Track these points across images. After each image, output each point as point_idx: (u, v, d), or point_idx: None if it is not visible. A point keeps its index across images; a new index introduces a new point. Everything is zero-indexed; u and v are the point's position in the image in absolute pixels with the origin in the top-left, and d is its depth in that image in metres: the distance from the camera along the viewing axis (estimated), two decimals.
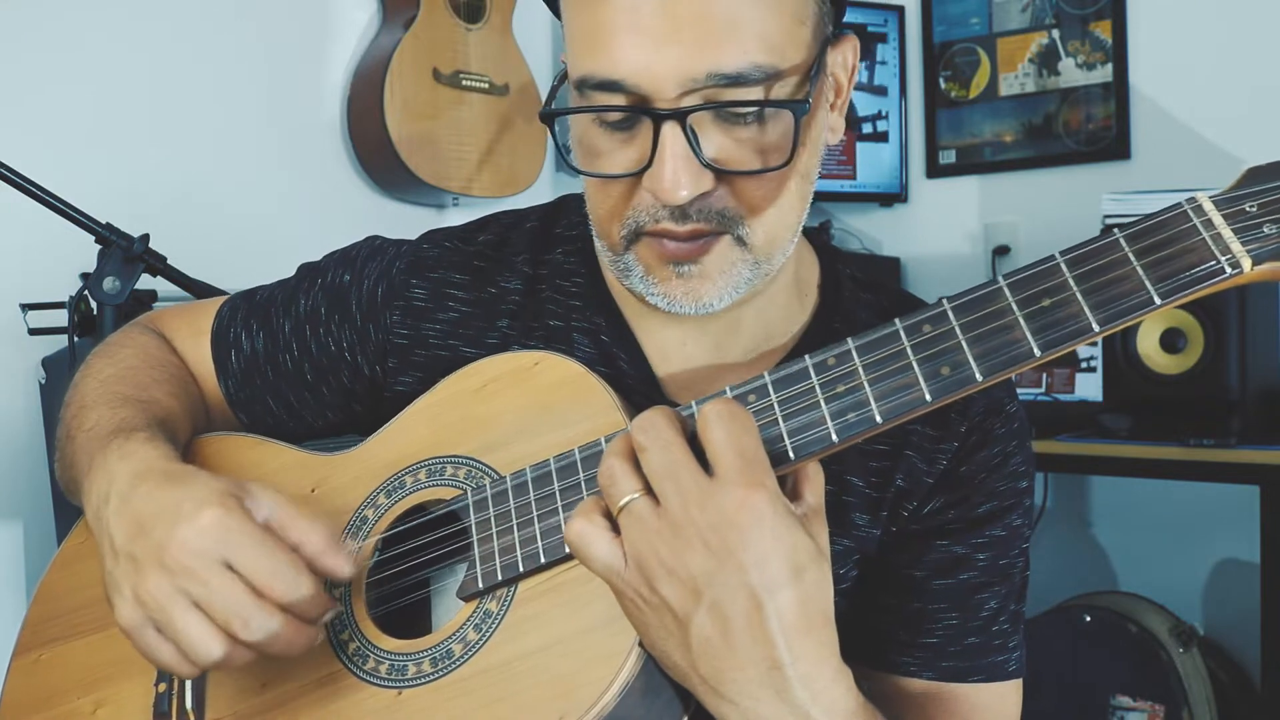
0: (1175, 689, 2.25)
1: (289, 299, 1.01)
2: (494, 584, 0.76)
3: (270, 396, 1.00)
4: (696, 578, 0.64)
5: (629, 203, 0.80)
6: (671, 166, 0.74)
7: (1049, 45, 2.82)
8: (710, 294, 0.81)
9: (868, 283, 0.96)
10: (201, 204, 2.30)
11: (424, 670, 0.76)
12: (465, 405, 0.85)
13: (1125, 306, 0.64)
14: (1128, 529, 2.71)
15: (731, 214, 0.79)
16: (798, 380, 0.70)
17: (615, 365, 0.90)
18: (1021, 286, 0.67)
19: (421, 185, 2.56)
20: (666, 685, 0.72)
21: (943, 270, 2.96)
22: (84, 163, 2.11)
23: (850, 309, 0.93)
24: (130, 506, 0.77)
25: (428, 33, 2.56)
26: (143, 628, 0.74)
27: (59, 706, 0.88)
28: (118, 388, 0.95)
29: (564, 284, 0.94)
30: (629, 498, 0.66)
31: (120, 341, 1.03)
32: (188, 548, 0.72)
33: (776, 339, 0.91)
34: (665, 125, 0.74)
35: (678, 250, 0.79)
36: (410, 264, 0.97)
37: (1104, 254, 0.66)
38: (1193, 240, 0.64)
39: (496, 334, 0.93)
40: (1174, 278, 0.64)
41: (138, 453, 0.82)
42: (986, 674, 0.87)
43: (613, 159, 0.79)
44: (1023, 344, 0.66)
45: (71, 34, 2.14)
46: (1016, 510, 0.89)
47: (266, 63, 2.48)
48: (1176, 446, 2.12)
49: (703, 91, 0.74)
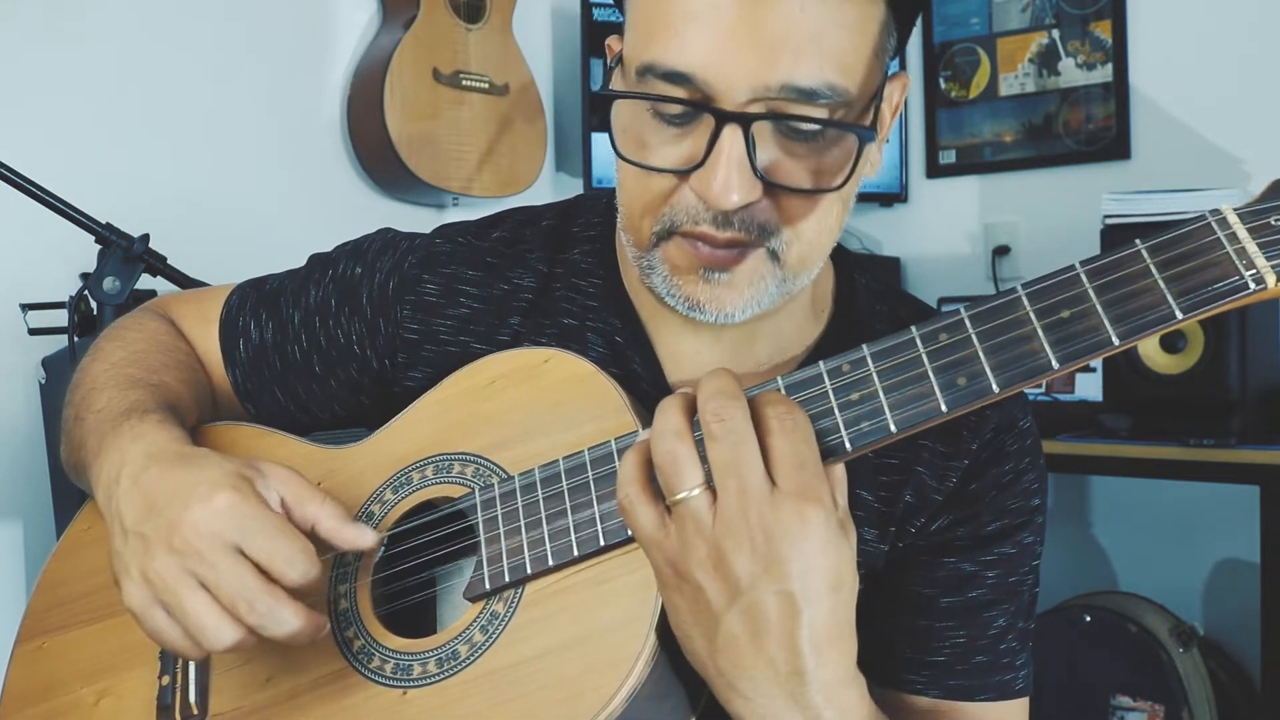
0: (1175, 689, 2.25)
1: (299, 289, 1.00)
2: (501, 586, 0.75)
3: (278, 388, 1.00)
4: (740, 578, 0.64)
5: (668, 200, 0.77)
6: (725, 171, 0.72)
7: (1049, 45, 2.82)
8: (734, 304, 0.79)
9: (883, 291, 0.95)
10: (202, 204, 2.30)
11: (429, 671, 0.76)
12: (473, 401, 0.84)
13: (1146, 320, 0.63)
14: (1128, 529, 2.71)
15: (771, 227, 0.77)
16: (811, 385, 0.69)
17: (628, 368, 0.89)
18: (1040, 296, 0.66)
19: (421, 185, 2.56)
20: (674, 690, 0.71)
21: (943, 270, 2.96)
22: (84, 163, 2.11)
23: (865, 321, 0.92)
24: (141, 487, 0.77)
25: (428, 33, 2.56)
26: (150, 608, 0.74)
27: (62, 696, 0.88)
28: (129, 370, 0.94)
29: (581, 284, 0.93)
30: (689, 493, 0.65)
31: (130, 325, 1.02)
32: (199, 529, 0.72)
33: (791, 351, 0.90)
34: (727, 128, 0.72)
35: (711, 257, 0.77)
36: (423, 259, 0.96)
37: (1125, 265, 0.64)
38: (1216, 254, 0.63)
39: (508, 331, 0.92)
40: (1196, 292, 0.63)
41: (150, 434, 0.82)
42: (995, 693, 0.86)
43: (661, 152, 0.76)
44: (1041, 355, 0.65)
45: (72, 34, 2.14)
46: (1028, 528, 0.88)
47: (267, 63, 2.48)
48: (1176, 446, 2.12)
49: (771, 102, 0.72)
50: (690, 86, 0.73)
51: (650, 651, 0.69)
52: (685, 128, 0.75)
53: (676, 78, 0.72)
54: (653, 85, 0.74)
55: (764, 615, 0.64)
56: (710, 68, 0.71)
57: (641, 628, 0.70)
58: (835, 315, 0.92)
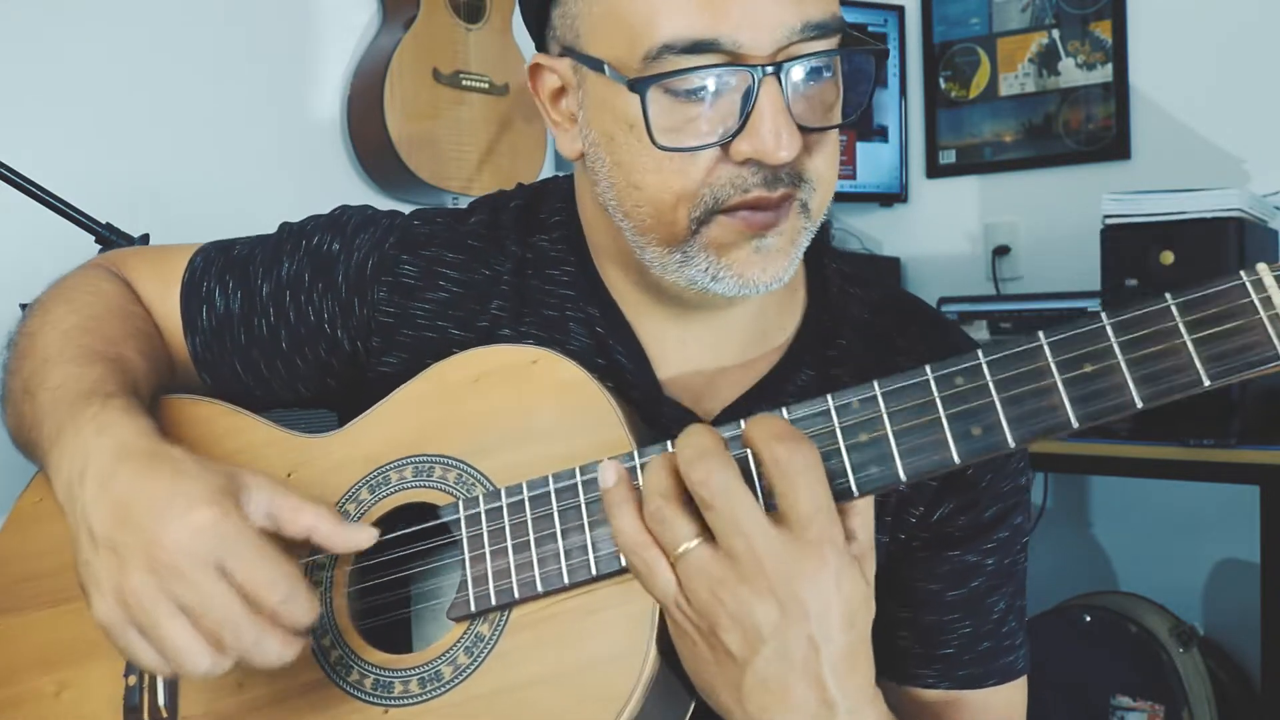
0: (1175, 689, 2.25)
1: (271, 259, 0.95)
2: (487, 608, 0.73)
3: (238, 360, 0.94)
4: (761, 626, 0.63)
5: (705, 179, 0.74)
6: (773, 124, 0.71)
7: (1049, 45, 2.82)
8: (779, 266, 0.77)
9: (854, 276, 0.94)
10: (202, 204, 2.30)
11: (411, 690, 0.74)
12: (456, 399, 0.81)
13: (1172, 385, 0.61)
14: (1128, 529, 2.71)
15: (807, 176, 0.76)
16: (818, 421, 0.66)
17: (611, 358, 0.87)
18: (1063, 347, 0.63)
19: (421, 185, 2.56)
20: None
21: (943, 270, 2.96)
22: (84, 163, 2.11)
23: (839, 304, 0.91)
24: (111, 493, 0.71)
25: (428, 33, 2.56)
26: (124, 628, 0.70)
27: (18, 685, 0.84)
28: (84, 340, 0.87)
29: (553, 273, 0.91)
30: (687, 546, 0.64)
31: (80, 285, 0.95)
32: (179, 549, 0.67)
33: (774, 339, 0.89)
34: (765, 81, 0.70)
35: (765, 220, 0.75)
36: (402, 239, 0.92)
37: (1153, 321, 0.61)
38: (1249, 319, 0.60)
39: (487, 318, 0.89)
40: (1226, 359, 0.60)
41: (115, 425, 0.76)
42: (1000, 677, 0.87)
43: (689, 133, 0.73)
44: (1060, 412, 0.62)
45: (72, 34, 2.14)
46: (1019, 509, 0.88)
47: (266, 63, 2.48)
48: (1176, 446, 2.11)
49: (791, 47, 0.72)
50: (717, 51, 0.71)
51: (645, 688, 0.68)
52: (705, 102, 0.73)
53: (702, 46, 0.71)
54: (674, 63, 0.72)
55: (789, 657, 0.63)
56: (737, 26, 0.70)
57: (636, 662, 0.68)
58: (809, 302, 0.91)
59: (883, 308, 0.92)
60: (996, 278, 2.83)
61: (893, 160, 2.97)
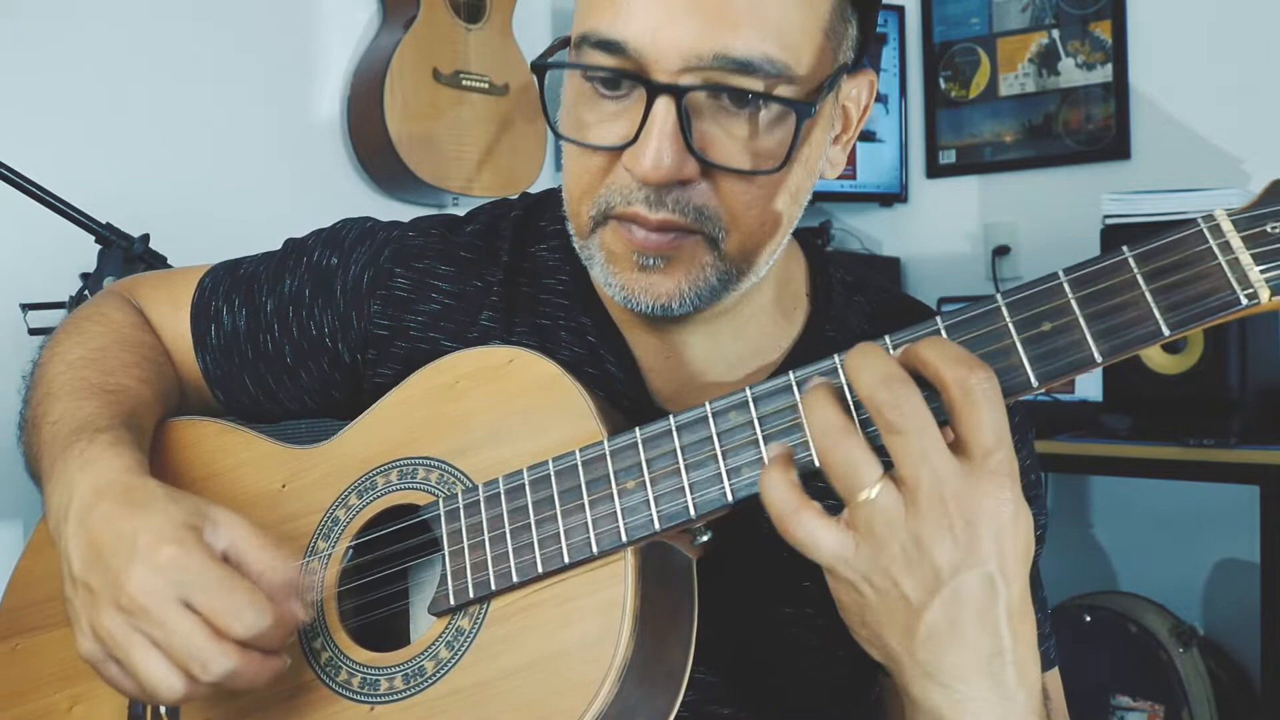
0: (1175, 689, 2.25)
1: (275, 277, 0.97)
2: (465, 601, 0.74)
3: (248, 376, 0.97)
4: (941, 569, 0.59)
5: (604, 180, 0.75)
6: (657, 143, 0.70)
7: (1049, 45, 2.82)
8: (669, 292, 0.76)
9: (857, 284, 0.93)
10: (201, 204, 2.30)
11: (396, 687, 0.75)
12: (437, 402, 0.82)
13: (1131, 337, 0.60)
14: (1128, 529, 2.71)
15: (710, 213, 0.74)
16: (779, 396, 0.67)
17: (602, 368, 0.87)
18: (1021, 306, 0.62)
19: (421, 185, 2.56)
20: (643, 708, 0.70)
21: (943, 270, 2.96)
22: (84, 163, 2.11)
23: (842, 314, 0.90)
24: (87, 529, 0.74)
25: (428, 33, 2.56)
26: (104, 662, 0.72)
27: (35, 701, 0.87)
28: (85, 373, 0.90)
29: (549, 281, 0.91)
30: (873, 490, 0.60)
31: (91, 316, 0.98)
32: (143, 587, 0.69)
33: (767, 354, 0.88)
34: (659, 99, 0.70)
35: (645, 241, 0.74)
36: (395, 252, 0.93)
37: (1111, 275, 0.61)
38: (1208, 265, 0.59)
39: (478, 329, 0.90)
40: (1185, 307, 0.59)
41: (98, 461, 0.78)
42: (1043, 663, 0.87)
43: (598, 130, 0.75)
44: (1019, 372, 0.61)
45: (72, 34, 2.14)
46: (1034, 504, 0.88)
47: (267, 63, 2.48)
48: (1176, 446, 2.12)
49: (706, 73, 0.70)
50: (624, 56, 0.71)
51: (616, 674, 0.68)
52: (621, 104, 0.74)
53: (610, 46, 0.71)
54: (588, 56, 0.72)
55: (965, 600, 0.60)
56: (642, 35, 0.70)
57: (607, 649, 0.68)
58: (812, 315, 0.90)
59: (879, 313, 0.92)
60: (996, 278, 2.83)
61: (893, 160, 2.97)
